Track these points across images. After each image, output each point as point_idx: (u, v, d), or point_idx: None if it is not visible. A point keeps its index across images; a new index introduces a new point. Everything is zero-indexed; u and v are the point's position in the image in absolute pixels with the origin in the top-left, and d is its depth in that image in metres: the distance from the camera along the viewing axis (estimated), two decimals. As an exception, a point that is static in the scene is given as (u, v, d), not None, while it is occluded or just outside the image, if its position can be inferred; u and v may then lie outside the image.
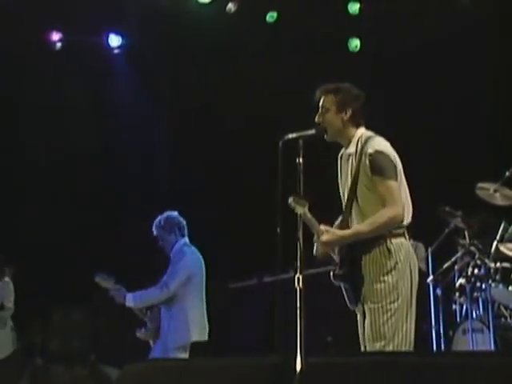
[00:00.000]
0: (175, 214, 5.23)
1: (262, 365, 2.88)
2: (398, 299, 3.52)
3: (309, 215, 3.56)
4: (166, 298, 5.02)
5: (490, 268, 5.55)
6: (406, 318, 3.54)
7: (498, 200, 5.65)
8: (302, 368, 2.87)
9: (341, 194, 3.80)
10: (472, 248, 5.71)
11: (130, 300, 4.99)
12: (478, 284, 5.58)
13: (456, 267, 5.85)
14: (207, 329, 5.13)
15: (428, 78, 6.92)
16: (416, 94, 6.92)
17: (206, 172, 7.70)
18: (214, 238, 7.46)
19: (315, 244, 3.73)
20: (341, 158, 3.79)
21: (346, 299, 3.71)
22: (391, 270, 3.54)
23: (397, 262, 3.55)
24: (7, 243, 6.81)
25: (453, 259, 5.88)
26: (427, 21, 6.74)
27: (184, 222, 5.22)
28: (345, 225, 3.71)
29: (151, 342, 5.18)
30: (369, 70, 7.00)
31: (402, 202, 3.55)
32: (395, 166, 3.58)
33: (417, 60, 6.91)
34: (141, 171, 7.70)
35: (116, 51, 7.77)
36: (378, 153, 3.55)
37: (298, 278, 3.25)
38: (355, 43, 7.27)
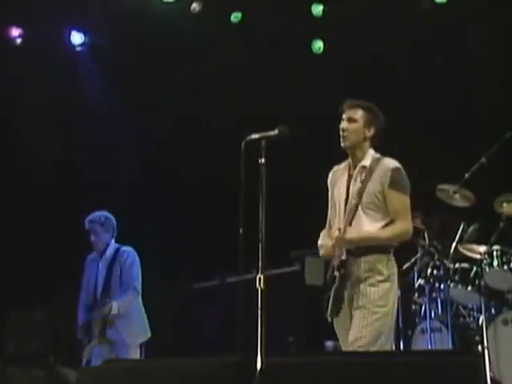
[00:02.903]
0: (110, 215, 5.50)
1: (223, 364, 2.88)
2: (386, 305, 3.70)
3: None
4: (135, 300, 5.31)
5: (448, 268, 5.65)
6: (389, 327, 3.72)
7: (458, 201, 5.75)
8: (262, 368, 2.88)
9: (337, 203, 3.89)
10: (431, 249, 5.80)
11: (115, 309, 5.19)
12: (437, 284, 5.68)
13: (416, 268, 5.93)
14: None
15: (391, 80, 7.00)
16: (381, 95, 6.97)
17: (170, 171, 7.65)
18: (177, 238, 7.42)
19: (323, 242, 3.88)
20: (348, 169, 3.93)
21: (329, 307, 3.73)
22: (386, 280, 3.73)
23: (392, 274, 3.77)
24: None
25: (412, 260, 5.95)
26: (391, 23, 6.81)
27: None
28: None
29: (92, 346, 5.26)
30: (333, 72, 7.04)
31: (411, 220, 3.85)
32: (409, 186, 3.86)
33: (382, 62, 6.98)
34: (104, 172, 7.59)
35: (78, 49, 7.67)
36: (400, 170, 3.84)
37: (260, 279, 3.27)
38: (319, 45, 7.30)
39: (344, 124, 3.88)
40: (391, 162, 3.85)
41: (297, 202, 6.87)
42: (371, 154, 3.89)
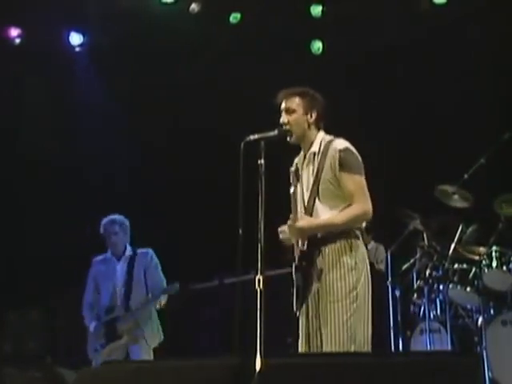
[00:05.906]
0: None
1: (222, 366, 2.87)
2: (356, 300, 3.52)
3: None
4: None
5: (447, 269, 5.65)
6: (365, 320, 3.53)
7: (457, 202, 5.75)
8: (261, 369, 2.88)
9: (294, 197, 3.74)
10: (430, 250, 5.80)
11: (163, 301, 5.31)
12: (436, 285, 5.68)
13: (414, 269, 5.93)
14: None
15: (390, 80, 7.00)
16: (381, 96, 6.99)
17: (169, 172, 7.65)
18: (175, 238, 7.42)
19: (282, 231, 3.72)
20: (303, 160, 3.79)
21: (294, 300, 3.59)
22: (351, 269, 3.54)
23: (359, 260, 3.57)
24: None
25: (411, 261, 5.96)
26: (390, 23, 6.82)
27: None
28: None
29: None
30: (332, 73, 7.04)
31: (369, 199, 3.60)
32: (362, 164, 3.66)
33: (381, 62, 6.99)
34: (102, 173, 7.59)
35: (77, 49, 7.66)
36: (348, 149, 3.63)
37: (259, 280, 3.25)
38: (318, 45, 7.30)
39: (283, 117, 3.70)
40: (339, 144, 3.64)
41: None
42: (321, 137, 3.71)
